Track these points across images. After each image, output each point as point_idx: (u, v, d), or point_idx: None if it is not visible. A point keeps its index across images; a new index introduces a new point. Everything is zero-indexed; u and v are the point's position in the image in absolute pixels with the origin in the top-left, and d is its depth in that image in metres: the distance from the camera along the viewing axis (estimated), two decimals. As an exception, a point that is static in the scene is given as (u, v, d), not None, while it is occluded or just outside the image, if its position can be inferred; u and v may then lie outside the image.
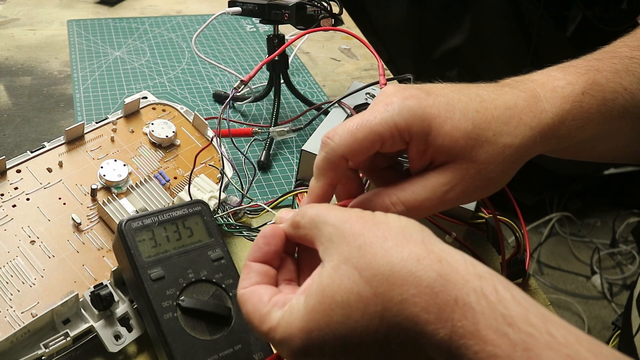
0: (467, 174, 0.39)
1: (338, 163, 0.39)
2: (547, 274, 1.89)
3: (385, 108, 0.38)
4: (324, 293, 0.32)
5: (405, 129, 0.38)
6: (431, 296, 0.30)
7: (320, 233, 0.35)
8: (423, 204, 0.39)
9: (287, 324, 0.33)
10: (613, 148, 0.49)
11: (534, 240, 1.94)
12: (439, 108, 0.39)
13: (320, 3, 0.71)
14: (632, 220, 1.98)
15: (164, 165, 0.61)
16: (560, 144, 0.44)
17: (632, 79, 0.45)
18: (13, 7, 1.04)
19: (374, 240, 0.32)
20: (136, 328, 0.48)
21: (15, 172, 0.55)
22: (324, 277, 0.33)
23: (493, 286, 0.30)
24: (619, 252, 1.94)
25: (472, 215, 0.56)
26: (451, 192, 0.39)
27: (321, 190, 0.40)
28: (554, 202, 2.02)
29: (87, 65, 0.89)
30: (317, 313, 0.32)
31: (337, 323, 0.32)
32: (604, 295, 1.81)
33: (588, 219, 2.04)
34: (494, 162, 0.40)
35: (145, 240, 0.45)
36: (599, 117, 0.44)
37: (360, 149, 0.39)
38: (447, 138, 0.39)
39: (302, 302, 0.33)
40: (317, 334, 0.32)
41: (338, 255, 0.33)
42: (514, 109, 0.41)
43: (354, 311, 0.31)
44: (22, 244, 0.51)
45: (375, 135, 0.38)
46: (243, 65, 0.95)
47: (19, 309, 0.47)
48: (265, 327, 0.34)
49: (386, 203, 0.39)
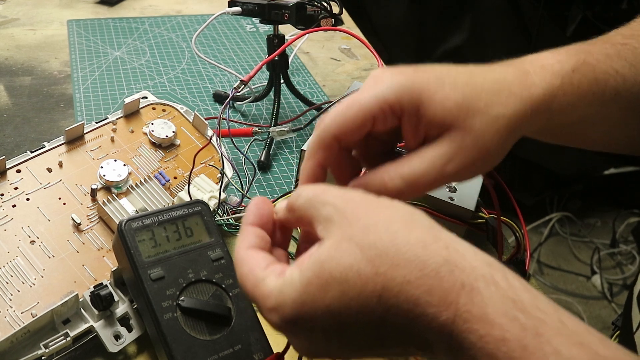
0: (464, 144, 0.39)
1: (329, 143, 0.39)
2: (547, 274, 1.89)
3: (374, 86, 0.39)
4: (322, 267, 0.32)
5: (395, 103, 0.38)
6: (436, 280, 0.29)
7: (318, 213, 0.34)
8: (422, 178, 0.38)
9: (280, 293, 0.33)
10: (605, 134, 0.49)
11: (534, 240, 1.94)
12: (428, 81, 0.39)
13: (320, 3, 0.71)
14: (632, 220, 1.98)
15: (164, 165, 0.61)
16: (553, 122, 0.43)
17: (624, 63, 0.45)
18: (13, 7, 1.04)
19: (379, 222, 0.32)
20: (136, 328, 0.48)
21: (15, 172, 0.55)
22: (322, 252, 0.32)
23: (503, 274, 0.30)
24: (619, 252, 1.94)
25: (472, 215, 0.56)
26: (450, 164, 0.39)
27: (311, 171, 0.40)
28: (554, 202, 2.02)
29: (87, 65, 0.89)
30: (313, 286, 0.32)
31: (332, 298, 0.31)
32: (604, 295, 1.81)
33: (588, 219, 2.04)
34: (489, 131, 0.39)
35: (145, 240, 0.45)
36: (590, 97, 0.43)
37: (352, 127, 0.38)
38: (439, 108, 0.38)
39: (297, 274, 0.32)
40: (310, 307, 0.32)
41: (340, 233, 0.32)
42: (503, 82, 0.41)
43: (352, 288, 0.31)
44: (22, 244, 0.51)
45: (365, 112, 0.38)
46: (243, 65, 0.95)
47: (19, 309, 0.47)
48: (258, 293, 0.34)
49: (384, 179, 0.39)
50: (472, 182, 0.59)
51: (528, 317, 0.28)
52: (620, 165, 1.94)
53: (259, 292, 0.34)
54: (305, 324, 0.32)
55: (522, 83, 0.41)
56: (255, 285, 0.34)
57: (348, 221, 0.32)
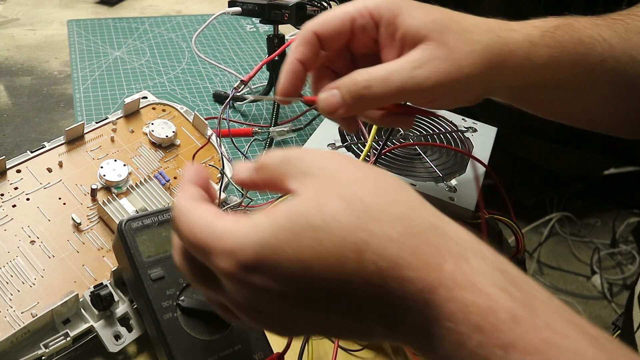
0: (436, 54, 0.39)
1: (309, 38, 0.41)
2: (547, 274, 1.88)
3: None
4: (299, 214, 0.28)
5: (374, 8, 0.40)
6: (422, 242, 0.27)
7: (294, 169, 0.30)
8: (391, 76, 0.39)
9: (240, 233, 0.28)
10: (593, 106, 0.48)
11: (534, 240, 1.94)
12: (408, 0, 0.41)
13: (320, 3, 0.71)
14: (632, 220, 1.98)
15: (164, 165, 0.61)
16: (536, 75, 0.43)
17: (613, 33, 0.45)
18: (13, 7, 1.04)
19: (367, 178, 0.29)
20: (136, 328, 0.48)
21: (15, 172, 0.55)
22: (299, 203, 0.28)
23: (491, 250, 0.28)
24: (619, 252, 1.94)
25: (472, 215, 0.56)
26: (420, 69, 0.39)
27: (290, 65, 0.41)
28: (554, 202, 2.02)
29: (87, 65, 0.89)
30: (285, 231, 0.27)
31: (305, 246, 0.27)
32: (604, 295, 1.81)
33: (588, 219, 2.04)
34: (463, 49, 0.40)
35: (145, 240, 0.45)
36: (575, 55, 0.44)
37: (331, 26, 0.40)
38: (416, 20, 0.40)
39: (267, 220, 0.28)
40: (275, 253, 0.27)
41: (320, 184, 0.29)
42: (483, 20, 0.43)
43: (330, 238, 0.27)
44: (22, 244, 0.51)
45: (345, 14, 0.40)
46: (243, 65, 0.95)
47: (19, 309, 0.47)
48: (210, 233, 0.29)
49: (355, 77, 0.40)
50: (473, 182, 0.59)
51: (518, 289, 0.26)
52: (620, 165, 1.94)
53: (212, 232, 0.29)
54: (264, 269, 0.28)
55: (501, 26, 0.43)
56: (206, 227, 0.29)
57: (329, 173, 0.29)
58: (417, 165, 0.59)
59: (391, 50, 0.41)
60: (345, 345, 0.51)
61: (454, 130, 0.66)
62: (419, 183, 0.57)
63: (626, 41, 0.45)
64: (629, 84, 0.46)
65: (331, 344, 0.51)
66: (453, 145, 0.62)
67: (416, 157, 0.60)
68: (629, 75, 0.45)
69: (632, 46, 0.45)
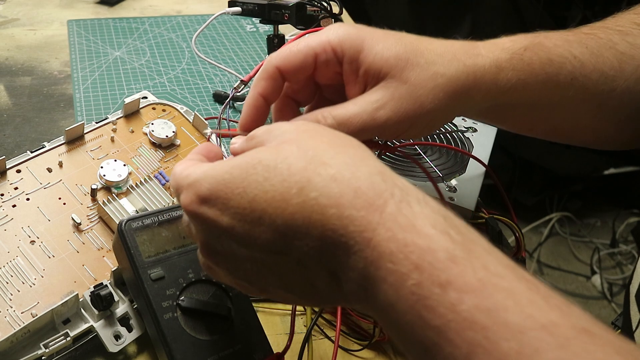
0: (397, 93, 0.40)
1: (271, 72, 0.40)
2: (547, 274, 1.89)
3: (322, 31, 0.41)
4: (255, 155, 0.31)
5: (337, 45, 0.40)
6: (366, 183, 0.28)
7: (273, 136, 0.33)
8: (353, 119, 0.39)
9: (201, 172, 0.32)
10: (566, 123, 0.49)
11: (534, 240, 1.94)
12: (372, 33, 0.41)
13: (320, 3, 0.71)
14: (632, 220, 1.98)
15: (164, 165, 0.61)
16: (503, 97, 0.43)
17: (584, 50, 0.45)
18: (13, 7, 1.04)
19: (325, 135, 0.32)
20: (136, 328, 0.48)
21: (15, 172, 0.55)
22: (257, 149, 0.32)
23: (435, 201, 0.29)
24: (618, 252, 1.94)
25: (472, 215, 0.56)
26: (381, 110, 0.39)
27: (252, 100, 0.41)
28: (554, 202, 2.02)
29: (87, 65, 0.89)
30: (238, 168, 0.31)
31: (253, 181, 0.30)
32: (604, 295, 1.82)
33: (588, 219, 2.04)
34: (425, 86, 0.40)
35: (145, 240, 0.45)
36: (543, 76, 0.43)
37: (294, 61, 0.40)
38: (378, 57, 0.40)
39: (227, 161, 0.32)
40: (227, 185, 0.30)
41: (283, 138, 0.32)
42: (449, 47, 0.42)
43: (277, 175, 0.29)
44: (22, 244, 0.51)
45: (308, 49, 0.40)
46: (243, 65, 0.95)
47: (19, 309, 0.47)
48: (182, 177, 0.33)
49: (317, 116, 0.40)
50: (472, 182, 0.59)
51: (458, 233, 0.27)
52: (620, 166, 1.94)
53: (183, 174, 0.33)
54: (215, 204, 0.31)
55: (467, 52, 0.42)
56: (181, 171, 0.34)
57: (294, 130, 0.32)
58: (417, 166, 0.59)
59: (355, 86, 0.41)
60: (345, 345, 0.51)
61: (454, 130, 0.66)
62: (419, 183, 0.57)
63: (597, 57, 0.45)
64: (599, 100, 0.46)
65: (331, 344, 0.51)
66: (453, 145, 0.62)
67: (416, 157, 0.60)
68: (599, 91, 0.46)
69: (604, 62, 0.45)
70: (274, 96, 0.42)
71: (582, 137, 0.52)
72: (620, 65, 0.45)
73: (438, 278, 0.25)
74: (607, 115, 0.48)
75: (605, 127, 0.50)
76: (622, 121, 0.49)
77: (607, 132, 0.51)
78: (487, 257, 0.26)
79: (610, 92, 0.46)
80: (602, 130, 0.50)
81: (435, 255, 0.25)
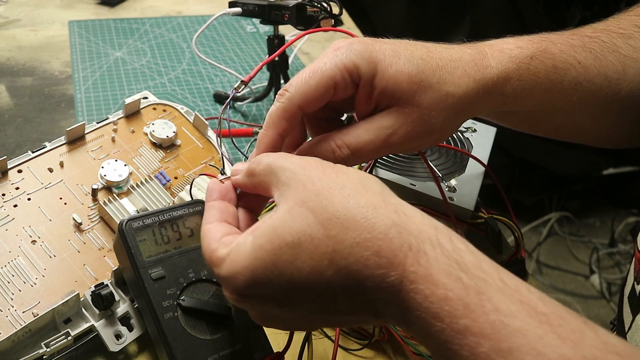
0: (410, 118, 0.40)
1: (293, 113, 0.40)
2: (546, 273, 1.89)
3: (334, 54, 0.40)
4: (275, 232, 0.32)
5: (354, 70, 0.39)
6: (385, 241, 0.30)
7: (277, 179, 0.35)
8: (367, 147, 0.40)
9: (232, 261, 0.33)
10: (568, 124, 0.50)
11: (533, 240, 1.94)
12: (384, 53, 0.40)
13: (320, 4, 0.72)
14: (630, 220, 1.98)
15: (165, 165, 0.61)
16: (508, 105, 0.44)
17: (588, 54, 0.45)
18: (14, 8, 1.04)
19: (332, 187, 0.33)
20: (137, 327, 0.48)
21: (17, 172, 0.56)
22: (275, 218, 0.33)
23: (449, 237, 0.30)
24: (617, 251, 1.95)
25: (471, 215, 0.57)
26: (394, 136, 0.40)
27: (271, 141, 0.40)
28: (553, 202, 2.02)
29: (88, 65, 0.89)
30: (265, 252, 0.32)
31: (284, 262, 0.32)
32: (603, 294, 1.82)
33: (587, 218, 2.04)
34: (436, 108, 0.40)
35: (146, 240, 0.45)
36: (548, 84, 0.44)
37: (315, 97, 0.39)
38: (392, 81, 0.40)
39: (250, 241, 0.33)
40: (262, 273, 0.32)
41: (294, 198, 0.33)
42: (459, 62, 0.42)
43: (303, 251, 0.31)
44: (23, 244, 0.51)
45: (328, 80, 0.39)
46: (243, 66, 0.95)
47: (20, 309, 0.47)
48: (213, 263, 0.35)
49: (332, 146, 0.40)
50: (472, 182, 0.59)
51: (470, 277, 0.28)
52: (619, 166, 1.94)
53: (214, 261, 0.34)
54: (258, 291, 0.33)
55: (477, 65, 0.42)
56: (210, 257, 0.35)
57: (303, 186, 0.33)
58: (417, 166, 0.59)
59: (366, 106, 0.41)
60: (345, 344, 0.51)
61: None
62: (419, 183, 0.57)
63: (601, 61, 0.45)
64: (602, 103, 0.47)
65: (331, 343, 0.51)
66: (452, 145, 0.63)
67: (416, 157, 0.60)
68: (603, 95, 0.46)
69: (608, 66, 0.46)
70: (290, 132, 0.41)
71: (583, 137, 0.52)
72: (624, 68, 0.46)
73: (457, 325, 0.27)
74: (610, 117, 0.48)
75: (607, 127, 0.50)
76: (624, 123, 0.49)
77: (608, 132, 0.51)
78: (498, 297, 0.28)
79: (613, 95, 0.46)
80: (604, 130, 0.51)
81: (451, 304, 0.28)
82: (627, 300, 0.50)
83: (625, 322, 0.49)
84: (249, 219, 0.39)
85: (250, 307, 0.35)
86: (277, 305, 0.33)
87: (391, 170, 0.58)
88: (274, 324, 0.37)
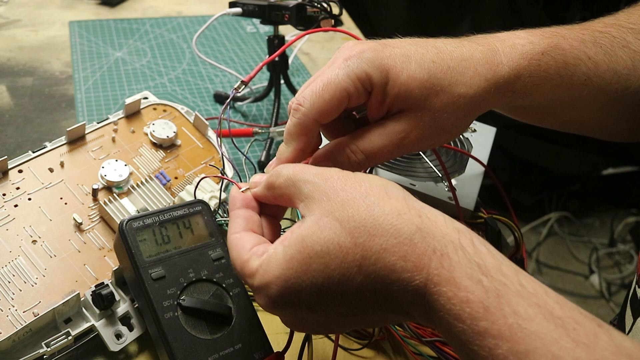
0: (422, 122, 0.41)
1: (311, 127, 0.40)
2: (546, 273, 1.89)
3: (345, 64, 0.40)
4: (304, 243, 0.33)
5: (366, 79, 0.40)
6: (410, 246, 0.31)
7: (299, 191, 0.36)
8: (381, 151, 0.41)
9: (264, 271, 0.34)
10: (576, 117, 0.50)
11: (532, 240, 1.94)
12: (395, 59, 0.40)
13: (320, 4, 0.72)
14: (630, 219, 1.98)
15: (165, 166, 0.61)
16: (517, 101, 0.44)
17: (599, 50, 0.45)
18: (15, 8, 1.04)
19: (357, 196, 0.34)
20: (137, 327, 0.49)
21: (17, 172, 0.56)
22: (303, 229, 0.34)
23: (470, 240, 0.31)
24: (617, 251, 1.95)
25: (471, 215, 0.57)
26: (407, 139, 0.41)
27: (292, 155, 0.41)
28: (553, 202, 2.02)
29: (89, 65, 0.89)
30: (296, 262, 0.33)
31: (315, 271, 0.33)
32: (602, 294, 1.82)
33: (586, 218, 2.04)
34: (448, 110, 0.41)
35: (146, 239, 0.45)
36: (558, 80, 0.44)
37: (331, 109, 0.40)
38: (404, 88, 0.40)
39: (281, 251, 0.34)
40: (294, 282, 0.33)
41: (320, 210, 0.34)
42: (470, 60, 0.42)
43: (333, 260, 0.32)
44: (23, 244, 0.51)
45: (342, 92, 0.39)
46: (243, 66, 0.95)
47: (21, 308, 0.47)
48: (245, 274, 0.36)
49: (347, 152, 0.41)
50: (472, 182, 0.59)
51: (491, 280, 0.29)
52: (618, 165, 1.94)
53: (246, 273, 0.36)
54: (291, 299, 0.34)
55: (488, 63, 0.42)
56: (242, 267, 0.36)
57: (327, 197, 0.34)
58: (417, 166, 0.59)
59: (378, 111, 0.42)
60: (345, 344, 0.51)
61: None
62: (419, 183, 0.57)
63: (611, 57, 0.46)
64: (612, 98, 0.47)
65: (331, 343, 0.52)
66: (452, 145, 0.63)
67: (416, 158, 0.60)
68: (612, 90, 0.46)
69: (617, 61, 0.46)
70: (311, 145, 0.42)
71: (590, 130, 0.53)
72: (634, 64, 0.46)
73: (477, 327, 0.28)
74: (618, 111, 0.49)
75: (614, 121, 0.50)
76: (632, 117, 0.49)
77: (615, 126, 0.51)
78: (516, 300, 0.28)
79: (623, 90, 0.46)
80: (611, 124, 0.51)
81: (472, 307, 0.29)
82: (630, 302, 0.50)
83: (627, 324, 0.49)
84: (272, 225, 0.40)
85: (283, 314, 0.36)
86: (309, 311, 0.35)
87: (391, 171, 0.58)
88: (307, 329, 0.38)
